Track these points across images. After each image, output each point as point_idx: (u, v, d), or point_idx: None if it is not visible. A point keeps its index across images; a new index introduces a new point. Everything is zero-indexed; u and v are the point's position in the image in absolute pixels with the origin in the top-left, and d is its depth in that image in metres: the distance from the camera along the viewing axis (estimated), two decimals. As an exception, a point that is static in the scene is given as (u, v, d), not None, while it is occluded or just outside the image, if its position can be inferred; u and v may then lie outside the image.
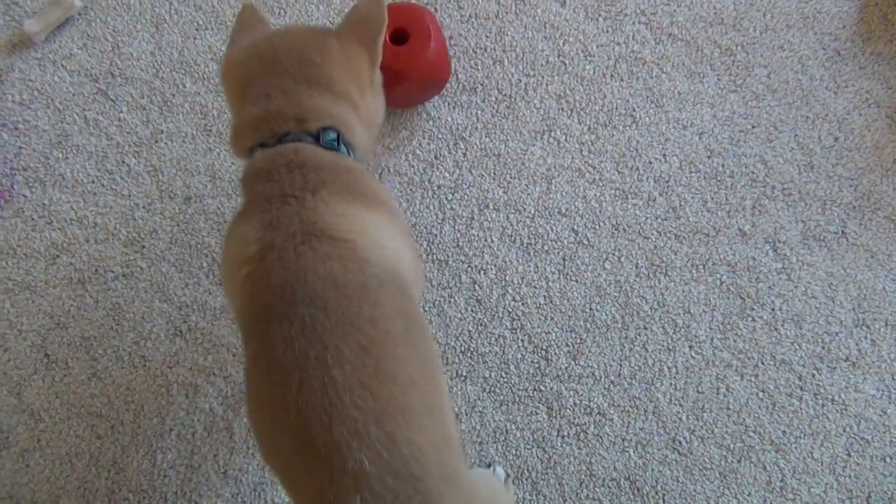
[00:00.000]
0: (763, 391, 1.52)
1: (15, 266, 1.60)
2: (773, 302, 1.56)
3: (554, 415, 1.51)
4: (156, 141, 1.66)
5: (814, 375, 1.52)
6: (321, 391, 0.88)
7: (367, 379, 0.89)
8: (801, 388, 1.52)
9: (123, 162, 1.65)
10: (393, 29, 1.50)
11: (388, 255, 1.01)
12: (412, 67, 1.48)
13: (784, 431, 1.50)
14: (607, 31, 1.71)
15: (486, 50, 1.70)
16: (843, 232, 1.59)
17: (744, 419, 1.51)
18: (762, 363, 1.53)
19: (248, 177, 1.06)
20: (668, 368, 1.53)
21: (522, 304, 1.57)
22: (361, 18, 1.15)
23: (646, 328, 1.55)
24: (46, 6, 1.71)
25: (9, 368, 1.56)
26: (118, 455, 1.52)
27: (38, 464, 1.52)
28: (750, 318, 1.55)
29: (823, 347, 1.54)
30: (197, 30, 1.72)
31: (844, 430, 1.50)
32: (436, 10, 1.71)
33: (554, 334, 1.55)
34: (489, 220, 1.61)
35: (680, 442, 1.50)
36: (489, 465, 1.49)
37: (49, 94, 1.69)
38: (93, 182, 1.64)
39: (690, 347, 1.54)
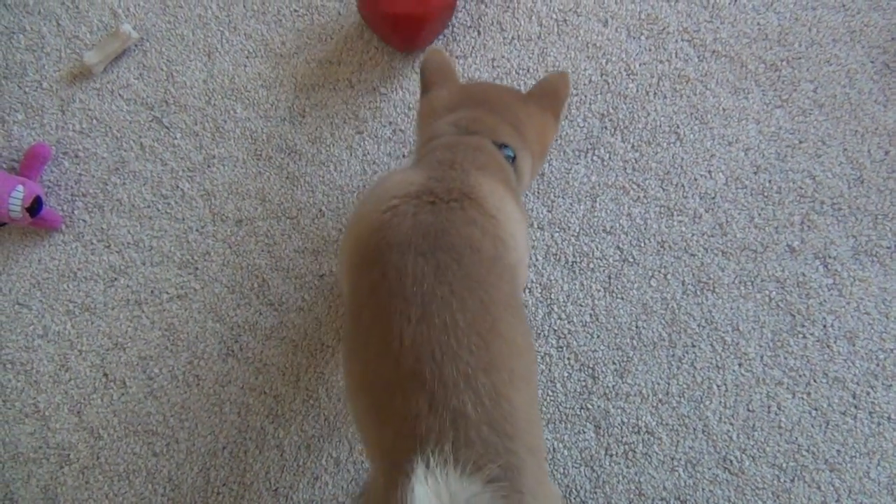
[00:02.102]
0: (816, 409, 1.49)
1: (75, 288, 1.66)
2: (824, 318, 1.54)
3: (602, 433, 1.51)
4: (208, 166, 1.71)
5: (868, 393, 1.49)
6: (442, 328, 0.93)
7: (483, 331, 0.94)
8: (856, 407, 1.49)
9: (178, 187, 1.70)
10: None
11: (519, 249, 1.10)
12: (429, 8, 1.61)
13: (839, 450, 1.47)
14: (650, 50, 1.71)
15: (528, 71, 1.72)
16: (895, 246, 1.56)
17: (796, 438, 1.48)
18: (814, 381, 1.51)
19: (429, 145, 1.20)
20: (718, 386, 1.52)
21: (568, 322, 1.57)
22: (553, 90, 1.32)
23: (694, 346, 1.54)
24: (105, 38, 1.78)
25: (70, 388, 1.62)
26: (173, 472, 1.56)
27: (97, 480, 1.57)
28: (801, 336, 1.53)
29: (878, 364, 1.51)
30: (247, 58, 1.77)
31: (902, 450, 1.46)
32: (479, 33, 1.74)
33: (600, 352, 1.55)
34: (534, 238, 1.62)
35: (731, 461, 1.48)
36: None
37: (107, 123, 1.75)
38: (148, 206, 1.70)
39: (740, 365, 1.52)
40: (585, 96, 1.69)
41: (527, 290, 1.58)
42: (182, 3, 1.81)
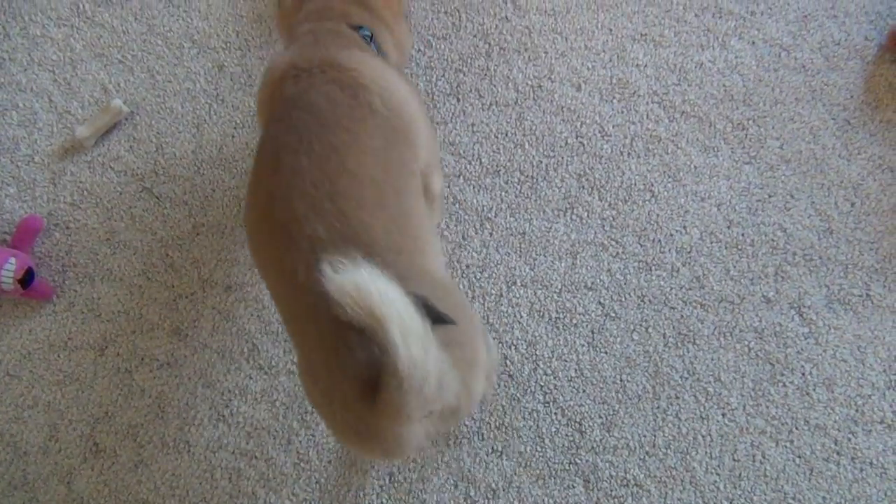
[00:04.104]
0: (799, 457, 1.52)
1: (66, 358, 1.68)
2: (802, 367, 1.58)
3: (591, 488, 1.52)
4: (197, 234, 1.75)
5: (850, 439, 1.52)
6: (288, 172, 1.08)
7: (328, 169, 1.08)
8: (838, 453, 1.52)
9: (167, 255, 1.74)
10: None
11: (395, 96, 1.21)
12: None
13: (824, 497, 1.49)
14: (622, 112, 1.79)
15: (507, 134, 1.78)
16: (867, 294, 1.62)
17: (782, 486, 1.50)
18: (796, 428, 1.54)
19: (293, 38, 1.33)
20: (703, 437, 1.54)
21: (554, 377, 1.60)
22: None
23: (677, 397, 1.57)
24: (96, 113, 1.84)
25: (59, 458, 1.62)
26: (164, 541, 1.55)
27: (86, 552, 1.55)
28: (781, 384, 1.57)
29: (857, 410, 1.54)
30: (235, 128, 1.83)
31: (886, 494, 1.49)
32: (458, 99, 1.81)
33: (586, 406, 1.58)
34: (517, 296, 1.66)
35: (719, 511, 1.50)
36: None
37: (98, 195, 1.80)
38: (139, 275, 1.73)
39: (723, 415, 1.55)
40: (562, 157, 1.76)
41: (512, 348, 1.62)
42: (171, 77, 1.88)
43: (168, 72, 1.89)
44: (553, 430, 1.56)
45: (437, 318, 0.96)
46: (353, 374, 0.93)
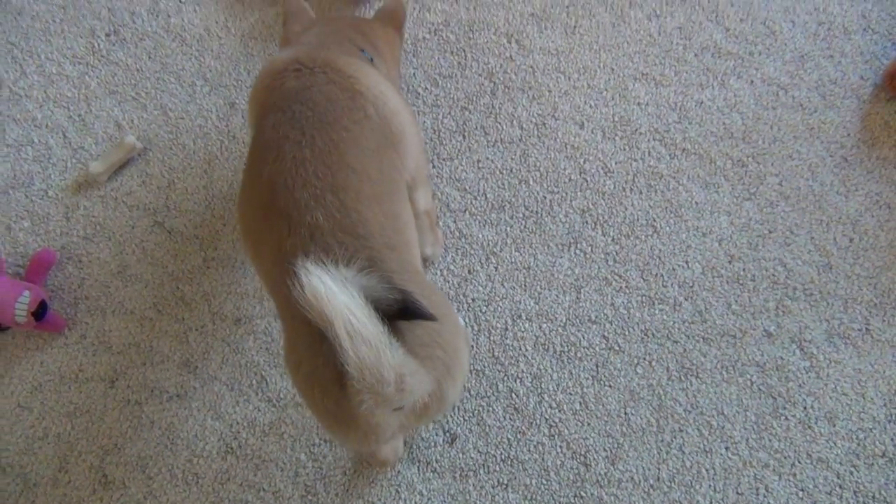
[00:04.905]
0: (802, 490, 1.53)
1: (77, 390, 1.70)
2: (804, 400, 1.60)
3: (596, 521, 1.54)
4: (207, 267, 1.78)
5: (852, 473, 1.54)
6: (291, 163, 1.13)
7: (330, 162, 1.13)
8: (841, 487, 1.53)
9: (178, 288, 1.77)
10: None
11: (388, 106, 1.27)
12: None
13: (827, 531, 1.50)
14: (624, 149, 1.83)
15: (512, 171, 1.82)
16: (867, 329, 1.64)
17: (786, 520, 1.52)
18: (799, 462, 1.55)
19: (297, 41, 1.44)
20: (706, 470, 1.56)
21: (559, 410, 1.62)
22: (392, 10, 1.66)
23: (681, 431, 1.59)
24: (110, 149, 1.88)
25: (69, 490, 1.63)
26: (172, 574, 1.56)
27: (94, 584, 1.56)
28: (783, 418, 1.59)
29: (859, 444, 1.56)
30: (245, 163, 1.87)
31: (889, 528, 1.50)
32: (464, 137, 1.86)
33: (591, 439, 1.59)
34: (522, 330, 1.68)
35: (723, 545, 1.51)
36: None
37: (110, 229, 1.83)
38: (150, 308, 1.76)
39: (727, 448, 1.57)
40: (566, 193, 1.79)
41: (518, 381, 1.64)
42: (184, 114, 1.92)
43: (181, 109, 1.93)
44: (558, 463, 1.58)
45: (420, 314, 1.00)
46: (332, 361, 0.95)
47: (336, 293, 0.87)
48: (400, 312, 0.98)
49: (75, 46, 2.02)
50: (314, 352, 1.01)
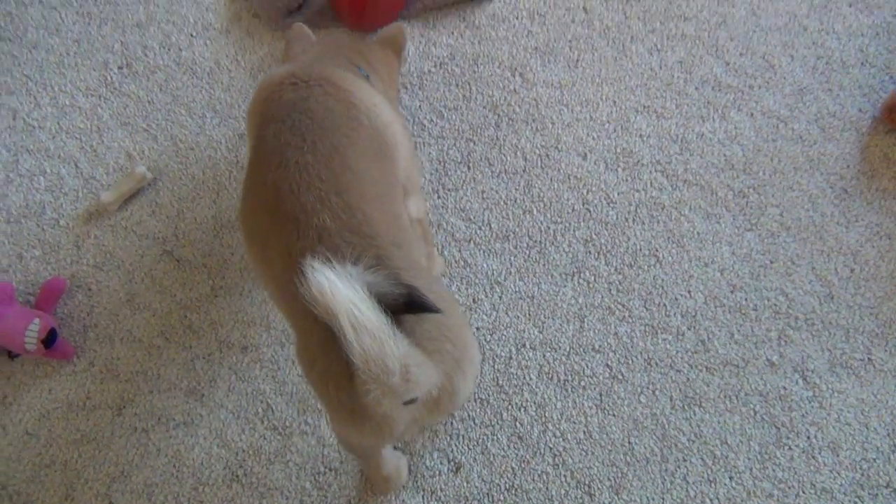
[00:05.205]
0: (807, 521, 1.53)
1: (84, 418, 1.71)
2: (807, 430, 1.60)
3: (600, 550, 1.54)
4: (215, 296, 1.80)
5: (856, 503, 1.54)
6: (294, 168, 1.17)
7: (332, 165, 1.17)
8: (845, 517, 1.53)
9: (186, 317, 1.79)
10: None
11: (381, 118, 1.32)
12: None
13: (832, 562, 1.50)
14: (626, 180, 1.86)
15: (515, 201, 1.85)
16: (869, 359, 1.65)
17: (790, 550, 1.52)
18: (803, 492, 1.56)
19: (296, 56, 1.54)
20: (710, 500, 1.56)
21: (563, 439, 1.63)
22: (392, 35, 1.74)
23: (685, 460, 1.60)
24: (121, 179, 1.91)
25: (75, 517, 1.64)
26: None
27: None
28: (787, 447, 1.59)
29: (862, 474, 1.56)
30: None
31: (894, 560, 1.50)
32: (469, 167, 1.89)
33: (595, 469, 1.60)
34: (526, 358, 1.70)
35: (728, 576, 1.50)
36: None
37: (120, 258, 1.86)
38: (157, 336, 1.78)
39: (731, 478, 1.58)
40: (569, 224, 1.82)
41: (522, 410, 1.65)
42: (194, 145, 1.96)
43: (191, 140, 1.97)
44: (563, 492, 1.59)
45: (425, 307, 1.02)
46: (344, 357, 0.97)
47: (339, 287, 0.90)
48: (406, 306, 1.01)
49: (88, 79, 2.07)
50: (327, 349, 1.03)
